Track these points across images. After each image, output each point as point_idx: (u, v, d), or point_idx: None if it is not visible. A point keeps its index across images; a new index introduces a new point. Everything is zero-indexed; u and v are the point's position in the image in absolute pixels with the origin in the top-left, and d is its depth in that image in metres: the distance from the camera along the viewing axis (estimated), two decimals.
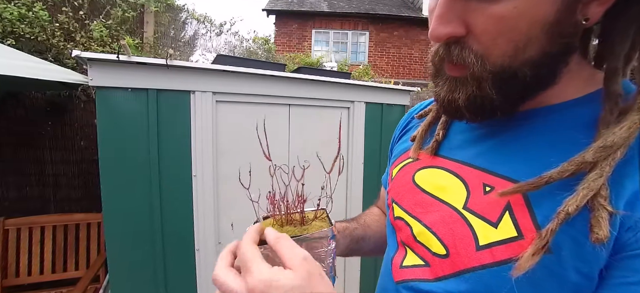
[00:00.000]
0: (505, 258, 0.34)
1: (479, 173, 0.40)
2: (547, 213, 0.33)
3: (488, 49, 0.33)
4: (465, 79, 0.36)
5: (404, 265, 0.46)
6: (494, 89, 0.35)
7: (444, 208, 0.42)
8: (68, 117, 2.76)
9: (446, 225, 0.41)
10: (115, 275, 1.40)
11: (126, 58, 1.29)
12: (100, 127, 1.31)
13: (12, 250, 2.18)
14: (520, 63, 0.33)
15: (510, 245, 0.34)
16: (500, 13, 0.31)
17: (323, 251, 0.48)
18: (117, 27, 3.12)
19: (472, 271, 0.36)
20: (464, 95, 0.36)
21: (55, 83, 1.75)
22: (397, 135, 0.63)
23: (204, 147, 1.48)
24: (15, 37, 2.49)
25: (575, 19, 0.32)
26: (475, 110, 0.37)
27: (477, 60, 0.34)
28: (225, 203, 1.57)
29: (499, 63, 0.34)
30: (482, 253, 0.36)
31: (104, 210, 1.35)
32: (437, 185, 0.45)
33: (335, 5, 9.59)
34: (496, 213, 0.36)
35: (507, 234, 0.35)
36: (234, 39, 4.98)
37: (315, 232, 0.48)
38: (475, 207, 0.39)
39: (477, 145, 0.43)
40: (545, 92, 0.37)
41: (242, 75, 1.52)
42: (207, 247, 1.53)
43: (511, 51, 0.33)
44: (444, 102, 0.39)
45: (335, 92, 1.78)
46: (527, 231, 0.34)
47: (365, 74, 7.06)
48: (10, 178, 2.57)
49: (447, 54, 0.36)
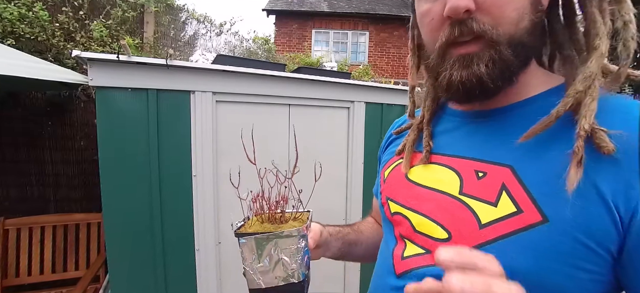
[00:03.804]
0: (510, 231, 0.38)
1: (470, 162, 0.45)
2: (540, 187, 0.38)
3: (498, 18, 0.39)
4: (481, 51, 0.40)
5: (405, 256, 0.48)
6: (510, 50, 0.39)
7: (440, 196, 0.46)
8: (68, 117, 2.76)
9: (445, 211, 0.44)
10: (115, 275, 1.40)
11: (126, 58, 1.29)
12: (100, 127, 1.31)
13: (12, 250, 2.18)
14: (522, 31, 0.40)
15: (512, 219, 0.38)
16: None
17: (294, 248, 0.53)
18: (117, 27, 3.12)
19: (478, 248, 0.38)
20: (484, 64, 0.40)
21: (55, 83, 1.75)
22: (383, 146, 0.68)
23: (204, 147, 1.48)
24: (15, 37, 2.49)
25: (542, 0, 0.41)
26: (497, 78, 0.40)
27: (493, 28, 0.39)
28: (225, 203, 1.57)
29: (509, 31, 0.39)
30: (486, 230, 0.39)
31: (104, 210, 1.35)
32: (430, 178, 0.49)
33: (335, 5, 9.59)
34: (493, 194, 0.40)
35: (508, 211, 0.39)
36: (234, 39, 4.98)
37: (285, 229, 0.53)
38: (471, 191, 0.43)
39: (463, 141, 0.48)
40: (515, 89, 0.44)
41: (242, 75, 1.52)
42: (207, 247, 1.53)
43: (516, 19, 0.39)
44: (464, 80, 0.41)
45: (335, 92, 1.78)
46: (525, 205, 0.38)
47: (365, 74, 7.06)
48: (10, 178, 2.57)
49: (460, 32, 0.40)
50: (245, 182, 0.63)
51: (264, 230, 0.54)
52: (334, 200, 1.90)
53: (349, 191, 1.92)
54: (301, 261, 0.54)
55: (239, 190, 0.60)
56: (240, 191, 0.60)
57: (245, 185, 0.61)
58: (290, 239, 0.53)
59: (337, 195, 1.91)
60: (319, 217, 0.73)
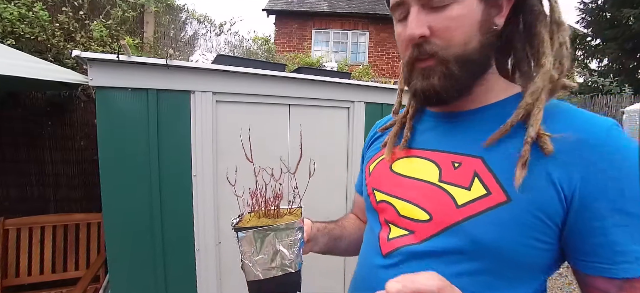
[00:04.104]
0: (481, 209, 0.46)
1: (447, 155, 0.53)
2: (505, 174, 0.46)
3: (448, 41, 0.48)
4: (435, 67, 0.49)
5: (391, 238, 0.55)
6: (457, 67, 0.48)
7: (421, 184, 0.53)
8: (68, 117, 2.76)
9: (426, 196, 0.52)
10: (115, 275, 1.40)
11: (126, 58, 1.29)
12: (100, 127, 1.31)
13: (12, 250, 2.18)
14: (470, 50, 0.48)
15: (482, 200, 0.46)
16: (451, 15, 0.47)
17: (291, 240, 0.58)
18: (117, 27, 3.13)
19: (455, 225, 0.47)
20: (438, 78, 0.49)
21: (55, 83, 1.75)
22: (367, 144, 0.75)
23: (204, 147, 1.48)
24: (15, 37, 2.49)
25: (493, 22, 0.49)
26: (447, 89, 0.50)
27: (442, 49, 0.48)
28: (225, 203, 1.57)
29: (457, 51, 0.48)
30: (462, 209, 0.47)
31: (104, 210, 1.35)
32: (412, 169, 0.56)
33: (335, 5, 9.59)
34: (468, 180, 0.48)
35: (479, 193, 0.47)
36: (234, 39, 4.98)
37: (282, 222, 0.58)
38: (448, 179, 0.50)
39: (440, 138, 0.56)
40: (481, 95, 0.53)
41: (242, 75, 1.52)
42: (207, 247, 1.53)
43: (463, 41, 0.47)
44: (423, 89, 0.51)
45: (335, 92, 1.78)
46: (493, 189, 0.46)
47: (365, 74, 7.07)
48: (10, 178, 2.57)
49: (418, 53, 0.50)
50: (243, 179, 0.65)
51: (261, 224, 0.57)
52: (334, 200, 1.90)
53: (349, 191, 1.92)
54: (298, 252, 0.58)
55: (235, 188, 0.63)
56: (237, 189, 0.63)
57: (243, 183, 0.64)
58: (288, 231, 0.57)
59: (337, 195, 1.91)
60: (320, 217, 0.75)
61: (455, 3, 0.46)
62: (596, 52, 8.12)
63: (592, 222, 0.42)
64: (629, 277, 0.40)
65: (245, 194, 0.63)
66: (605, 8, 7.78)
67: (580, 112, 0.47)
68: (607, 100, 5.69)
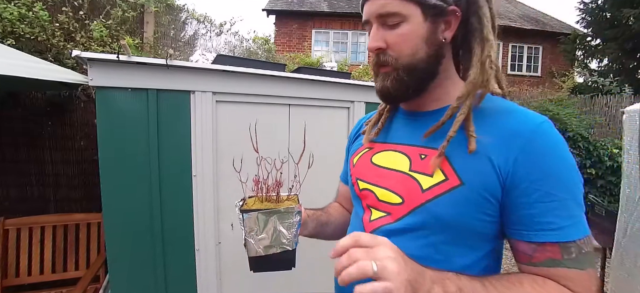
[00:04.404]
0: (441, 192, 0.56)
1: (416, 148, 0.64)
2: (459, 163, 0.56)
3: (398, 53, 0.60)
4: (390, 72, 0.62)
5: (372, 219, 0.65)
6: (405, 74, 0.60)
7: (395, 173, 0.64)
8: (68, 117, 2.76)
9: (399, 183, 0.62)
10: (115, 275, 1.40)
11: (126, 58, 1.29)
12: (100, 127, 1.31)
13: (12, 250, 2.17)
14: (417, 60, 0.60)
15: (442, 184, 0.57)
16: (401, 32, 0.59)
17: (290, 222, 0.67)
18: (117, 27, 3.13)
19: (421, 206, 0.58)
20: (390, 81, 0.62)
21: (55, 83, 1.75)
22: (351, 139, 0.86)
23: (204, 147, 1.48)
24: (15, 37, 2.49)
25: (439, 37, 0.60)
26: (398, 90, 0.62)
27: (394, 59, 0.60)
28: (225, 203, 1.57)
29: (405, 60, 0.60)
30: (426, 193, 0.58)
31: (104, 210, 1.35)
32: (388, 160, 0.67)
33: (335, 5, 9.59)
34: (430, 169, 0.58)
35: (439, 179, 0.57)
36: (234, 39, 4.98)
37: (283, 207, 0.68)
38: (416, 168, 0.61)
39: (410, 134, 0.67)
40: (441, 96, 0.64)
41: (242, 75, 1.52)
42: (207, 247, 1.53)
43: (411, 53, 0.59)
44: (381, 89, 0.64)
45: (335, 92, 1.78)
46: (450, 175, 0.56)
47: (365, 74, 7.06)
48: (10, 178, 2.57)
49: (378, 60, 0.62)
50: (245, 168, 0.75)
51: (264, 208, 0.67)
52: (332, 196, 1.89)
53: None
54: (295, 232, 0.68)
55: (240, 175, 0.74)
56: (241, 177, 0.74)
57: (247, 171, 0.75)
58: (288, 214, 0.67)
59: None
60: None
61: (405, 22, 0.58)
62: (596, 52, 8.11)
63: (520, 198, 0.52)
64: (541, 241, 0.52)
65: (249, 182, 0.73)
66: (605, 8, 7.77)
67: (521, 110, 0.58)
68: (607, 100, 5.69)
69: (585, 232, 0.52)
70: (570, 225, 0.51)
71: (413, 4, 0.57)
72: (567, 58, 8.89)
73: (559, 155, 0.53)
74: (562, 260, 0.51)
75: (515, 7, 12.18)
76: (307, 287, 1.82)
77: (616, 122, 5.19)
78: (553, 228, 0.51)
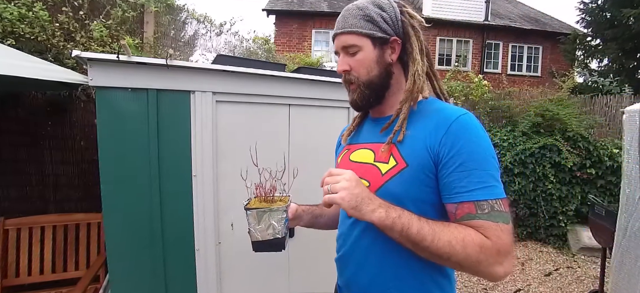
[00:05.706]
0: (393, 174, 0.76)
1: (377, 144, 0.83)
2: (406, 151, 0.76)
3: (358, 73, 0.82)
4: (355, 89, 0.84)
5: None
6: (365, 88, 0.82)
7: (365, 165, 0.84)
8: (68, 117, 2.76)
9: (367, 171, 0.82)
10: (115, 275, 1.40)
11: (126, 58, 1.29)
12: (100, 127, 1.31)
13: (12, 250, 2.17)
14: (373, 77, 0.81)
15: (394, 168, 0.76)
16: (358, 58, 0.81)
17: (280, 217, 0.89)
18: (117, 27, 3.12)
19: (382, 186, 0.77)
20: (356, 95, 0.84)
21: (55, 83, 1.75)
22: (337, 145, 1.10)
23: (204, 147, 1.48)
24: (15, 37, 2.49)
25: (387, 59, 0.82)
26: (362, 101, 0.84)
27: (356, 78, 0.82)
28: (225, 203, 1.57)
29: (364, 79, 0.82)
30: (384, 176, 0.77)
31: (104, 210, 1.35)
32: (360, 156, 0.88)
33: (335, 5, 9.59)
34: (387, 158, 0.79)
35: (392, 164, 0.77)
36: (234, 39, 4.97)
37: (274, 206, 0.90)
38: (378, 159, 0.81)
39: (374, 133, 0.87)
40: (395, 104, 0.84)
41: (242, 75, 1.52)
42: (207, 247, 1.53)
43: (367, 73, 0.81)
44: (352, 102, 0.86)
45: (335, 92, 1.78)
46: (399, 160, 0.76)
47: None
48: (10, 178, 2.57)
49: (346, 79, 0.85)
50: (245, 167, 0.98)
51: (262, 206, 0.89)
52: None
53: None
54: (284, 225, 0.90)
55: (246, 182, 0.98)
56: (243, 190, 0.99)
57: (250, 177, 0.98)
58: (278, 212, 0.89)
59: None
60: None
61: (361, 51, 0.80)
62: (596, 52, 8.11)
63: (443, 170, 0.71)
64: (458, 201, 0.69)
65: (251, 186, 0.97)
66: (605, 8, 7.77)
67: (448, 107, 0.78)
68: (607, 100, 5.68)
69: (497, 195, 0.67)
70: (481, 188, 0.67)
71: (365, 37, 0.79)
72: (567, 58, 8.89)
73: (472, 138, 0.70)
74: (476, 214, 0.67)
75: (515, 7, 12.18)
76: (307, 287, 1.82)
77: (616, 122, 5.19)
78: (466, 190, 0.68)
